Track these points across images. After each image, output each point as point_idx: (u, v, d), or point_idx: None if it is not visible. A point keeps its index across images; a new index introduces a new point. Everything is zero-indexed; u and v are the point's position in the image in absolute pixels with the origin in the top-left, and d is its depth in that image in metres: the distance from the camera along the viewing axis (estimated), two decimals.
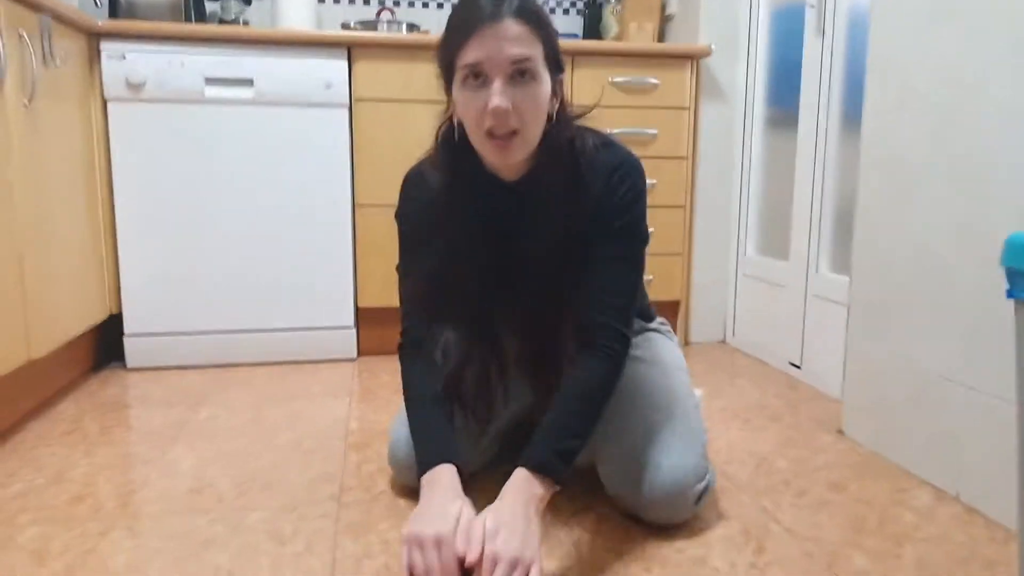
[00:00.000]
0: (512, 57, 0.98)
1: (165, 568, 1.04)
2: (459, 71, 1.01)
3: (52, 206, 1.67)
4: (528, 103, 1.01)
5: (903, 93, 1.41)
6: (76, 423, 1.63)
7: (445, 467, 1.05)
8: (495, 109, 0.98)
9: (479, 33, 0.98)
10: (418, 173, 1.20)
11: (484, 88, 1.00)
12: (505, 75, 0.99)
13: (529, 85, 1.01)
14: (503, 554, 0.90)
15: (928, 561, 1.09)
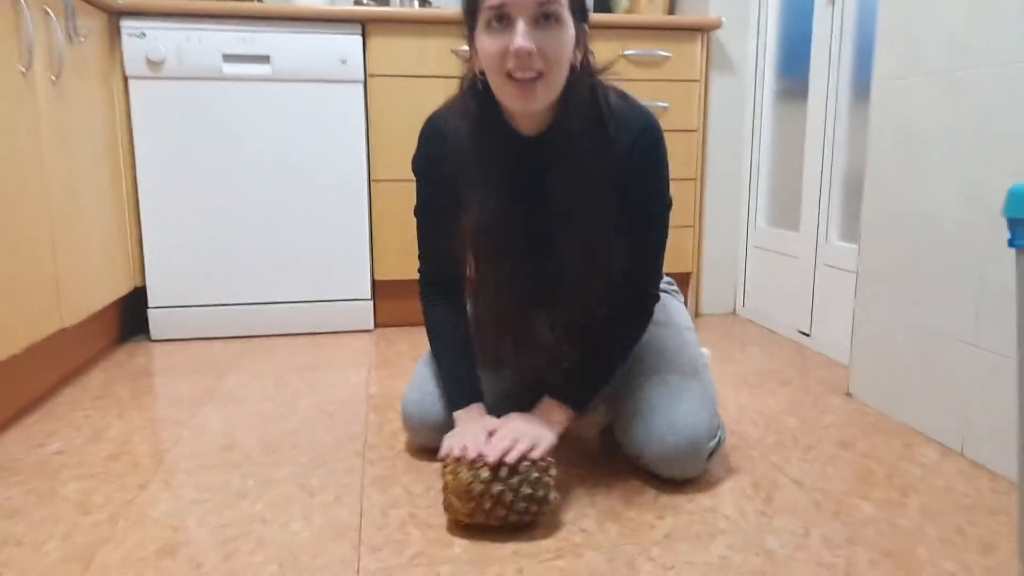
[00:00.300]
0: (539, 11, 0.99)
1: (203, 516, 1.10)
2: (483, 13, 1.01)
3: (80, 180, 1.72)
4: (552, 46, 1.01)
5: (912, 61, 1.43)
6: (107, 389, 1.69)
7: (475, 405, 1.16)
8: (518, 50, 0.98)
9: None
10: (438, 123, 1.20)
11: (508, 30, 1.00)
12: (530, 17, 0.99)
13: (554, 28, 1.01)
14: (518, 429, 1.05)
15: (932, 509, 1.13)
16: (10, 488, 1.19)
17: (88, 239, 1.76)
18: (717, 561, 0.98)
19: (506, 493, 1.00)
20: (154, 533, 1.05)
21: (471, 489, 1.00)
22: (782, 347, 2.07)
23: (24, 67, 1.45)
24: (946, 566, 0.97)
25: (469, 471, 1.01)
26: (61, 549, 1.01)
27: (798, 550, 1.01)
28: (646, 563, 0.98)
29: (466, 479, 1.00)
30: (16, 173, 1.41)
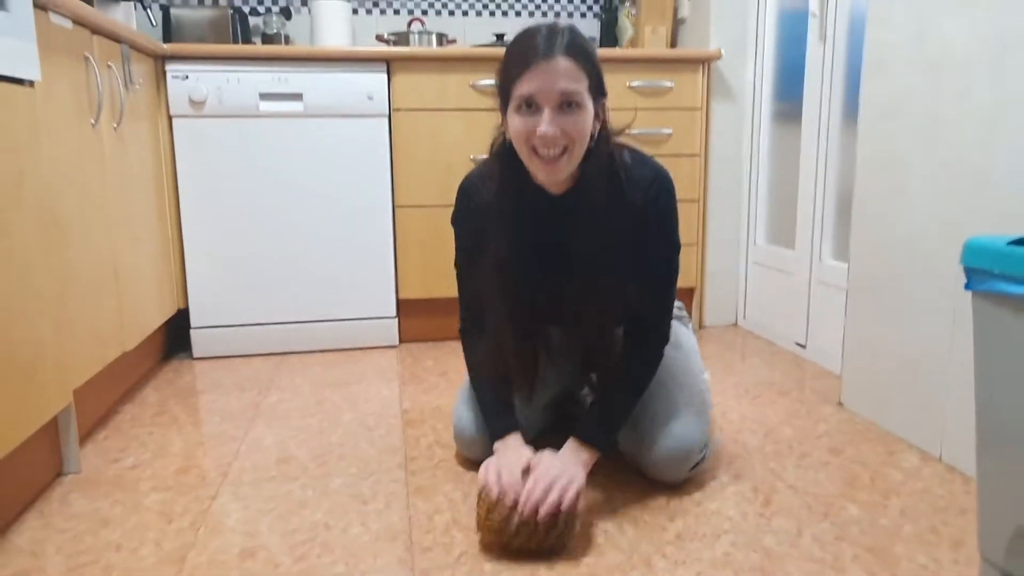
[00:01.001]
0: (561, 90, 1.14)
1: (273, 523, 1.26)
2: (514, 99, 1.17)
3: (135, 213, 1.88)
4: (573, 128, 1.16)
5: (895, 96, 1.59)
6: (163, 407, 1.86)
7: (513, 434, 1.30)
8: (544, 135, 1.15)
9: (534, 68, 1.13)
10: (472, 183, 1.37)
11: (535, 115, 1.15)
12: (554, 105, 1.14)
13: (575, 113, 1.16)
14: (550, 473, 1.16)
15: (911, 510, 1.29)
16: (97, 500, 1.36)
17: (142, 267, 1.92)
18: (721, 558, 1.14)
19: (531, 541, 1.12)
20: (232, 539, 1.21)
21: (501, 532, 1.12)
22: (781, 358, 2.22)
23: (94, 120, 1.61)
24: (920, 560, 1.13)
25: (500, 518, 1.12)
26: (155, 554, 1.17)
27: (792, 547, 1.17)
28: (660, 560, 1.13)
29: (496, 525, 1.12)
30: (87, 217, 1.58)
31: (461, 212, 1.39)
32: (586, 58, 1.17)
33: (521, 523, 1.11)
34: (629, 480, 1.40)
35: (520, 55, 1.16)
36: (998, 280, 0.93)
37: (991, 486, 1.00)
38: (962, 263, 0.99)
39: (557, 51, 1.14)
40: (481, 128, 2.30)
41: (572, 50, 1.15)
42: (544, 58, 1.13)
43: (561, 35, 1.16)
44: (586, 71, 1.17)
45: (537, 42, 1.15)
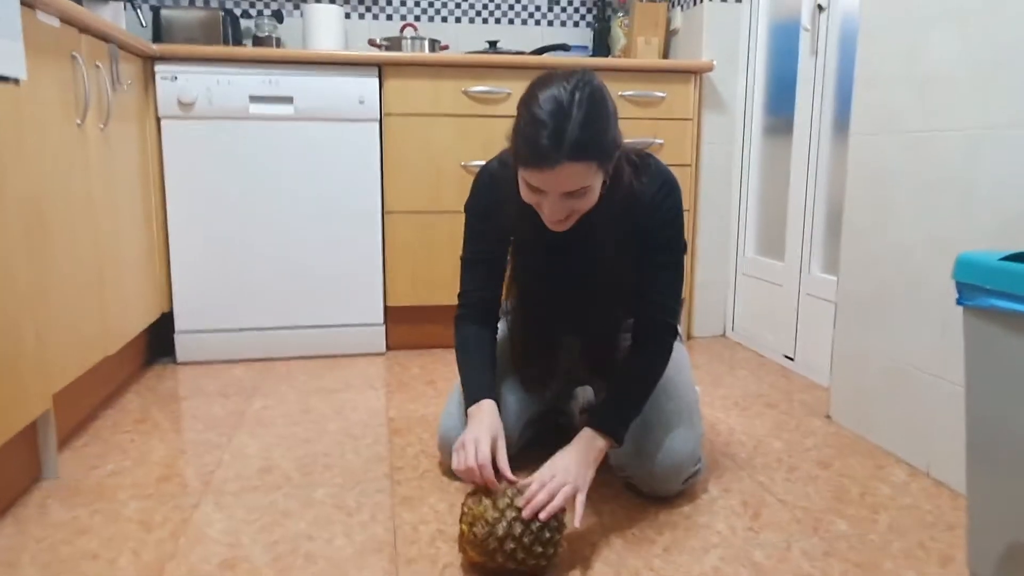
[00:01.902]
0: (567, 190, 1.11)
1: (255, 534, 1.23)
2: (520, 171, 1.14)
3: (121, 216, 1.86)
4: (581, 205, 1.15)
5: (885, 112, 1.59)
6: (145, 413, 1.83)
7: (486, 401, 1.31)
8: (549, 219, 1.16)
9: (538, 170, 1.09)
10: (490, 173, 1.35)
11: (541, 195, 1.13)
12: (560, 194, 1.12)
13: (583, 195, 1.13)
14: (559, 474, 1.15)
15: (899, 525, 1.28)
16: (76, 508, 1.33)
17: (128, 271, 1.89)
18: (710, 572, 1.13)
19: (518, 551, 1.06)
20: (213, 549, 1.19)
21: (485, 544, 1.07)
22: (769, 370, 2.22)
23: (80, 119, 1.59)
24: None
25: (484, 528, 1.06)
26: (133, 564, 1.14)
27: (781, 562, 1.16)
28: (649, 574, 1.12)
29: (481, 535, 1.06)
30: (71, 217, 1.55)
31: (478, 203, 1.38)
32: (596, 152, 1.10)
33: (504, 538, 1.07)
34: (616, 494, 1.38)
35: (526, 144, 1.09)
36: (990, 296, 0.93)
37: (981, 502, 1.00)
38: (954, 278, 0.98)
39: (563, 156, 1.06)
40: (473, 135, 2.29)
41: (579, 152, 1.07)
42: (549, 166, 1.08)
43: (569, 128, 1.06)
44: (596, 161, 1.11)
45: (542, 143, 1.06)
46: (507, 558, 1.08)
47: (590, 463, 1.22)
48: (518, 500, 1.10)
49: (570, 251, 1.29)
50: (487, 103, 2.29)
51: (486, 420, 1.27)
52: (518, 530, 1.07)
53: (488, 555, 1.08)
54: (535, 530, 1.08)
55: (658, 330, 1.34)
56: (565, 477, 1.16)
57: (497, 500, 1.11)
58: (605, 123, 1.12)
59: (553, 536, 1.10)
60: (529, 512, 1.09)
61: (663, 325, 1.34)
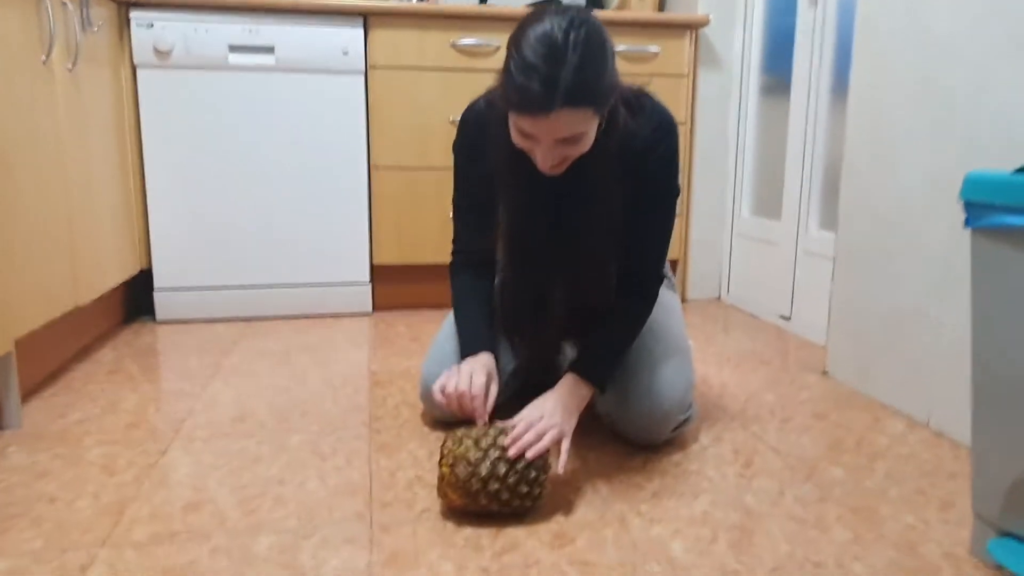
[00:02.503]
0: (561, 137, 1.03)
1: (223, 478, 1.18)
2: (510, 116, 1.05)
3: (93, 164, 1.79)
4: (575, 151, 1.07)
5: (887, 61, 1.52)
6: (118, 365, 1.76)
7: (483, 353, 1.24)
8: (541, 165, 1.07)
9: (531, 117, 1.00)
10: (477, 113, 1.27)
11: (534, 140, 1.05)
12: (554, 140, 1.04)
13: (577, 141, 1.05)
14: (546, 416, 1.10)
15: (897, 473, 1.23)
16: (37, 453, 1.27)
17: (100, 221, 1.83)
18: (700, 516, 1.07)
19: (502, 491, 1.01)
20: (178, 493, 1.13)
21: (468, 485, 1.01)
22: (763, 331, 2.17)
23: (44, 56, 1.52)
24: (907, 520, 1.07)
25: (467, 468, 1.01)
26: (92, 506, 1.09)
27: (773, 507, 1.11)
28: (635, 518, 1.07)
29: (464, 475, 1.01)
30: (37, 155, 1.48)
31: (464, 146, 1.31)
32: (592, 97, 1.01)
33: (488, 478, 1.01)
34: (603, 442, 1.33)
35: (517, 90, 0.99)
36: (1001, 213, 0.87)
37: (986, 438, 0.94)
38: (961, 198, 0.92)
39: (557, 103, 0.97)
40: (460, 89, 2.21)
41: (574, 98, 0.98)
42: (542, 113, 0.99)
43: (564, 73, 0.97)
44: (591, 106, 1.02)
45: (535, 89, 0.97)
46: (491, 499, 1.02)
47: (573, 410, 1.17)
48: (501, 439, 1.05)
49: (561, 196, 1.21)
50: (476, 56, 2.22)
51: (482, 360, 1.22)
52: (502, 470, 1.02)
53: (471, 496, 1.02)
54: (520, 470, 1.03)
55: (644, 276, 1.28)
56: (551, 420, 1.11)
57: (480, 440, 1.05)
58: (602, 66, 1.02)
59: (538, 476, 1.05)
60: (516, 450, 1.03)
61: (649, 272, 1.28)
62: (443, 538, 1.01)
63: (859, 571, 0.94)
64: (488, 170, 1.24)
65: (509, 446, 1.04)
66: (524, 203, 1.22)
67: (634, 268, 1.27)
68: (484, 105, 1.27)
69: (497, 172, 1.22)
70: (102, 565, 0.93)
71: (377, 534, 1.02)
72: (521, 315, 1.34)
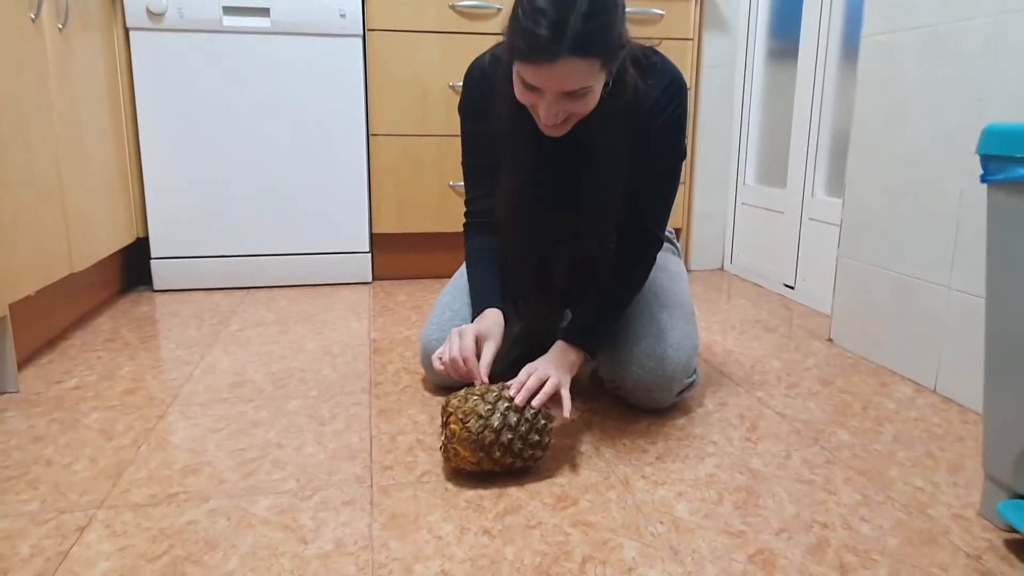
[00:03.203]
0: (567, 90, 1.00)
1: (221, 442, 1.16)
2: (515, 69, 1.03)
3: (85, 129, 1.75)
4: (579, 108, 1.04)
5: (899, 12, 1.48)
6: (116, 333, 1.74)
7: (491, 309, 1.23)
8: (545, 121, 1.04)
9: (536, 65, 0.97)
10: (481, 69, 1.24)
11: (538, 94, 1.02)
12: (558, 93, 1.01)
13: (582, 97, 1.02)
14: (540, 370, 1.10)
15: (905, 436, 1.21)
16: (33, 418, 1.25)
17: (94, 187, 1.79)
18: (705, 478, 1.06)
19: (515, 441, 1.01)
20: (176, 456, 1.11)
21: (482, 438, 1.00)
22: (768, 299, 2.14)
23: (33, 14, 1.47)
24: (916, 483, 1.06)
25: (478, 421, 1.00)
26: (89, 469, 1.07)
27: (780, 469, 1.09)
28: (639, 480, 1.05)
29: (476, 428, 1.00)
30: (26, 116, 1.44)
31: (469, 104, 1.28)
32: (599, 46, 0.98)
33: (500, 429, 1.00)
34: (606, 406, 1.31)
35: (522, 40, 0.97)
36: (1020, 165, 0.84)
37: (999, 399, 0.92)
38: (978, 152, 0.89)
39: (563, 49, 0.95)
40: (460, 53, 2.17)
41: (581, 46, 0.95)
42: (548, 60, 0.96)
43: (572, 19, 0.94)
44: (599, 57, 0.99)
45: (541, 33, 0.94)
46: (504, 451, 1.01)
47: (566, 369, 1.16)
48: (506, 392, 1.05)
49: (565, 159, 1.18)
50: (476, 19, 2.17)
51: (483, 322, 1.20)
52: (513, 419, 1.02)
53: (485, 449, 1.00)
54: (530, 417, 1.03)
55: (643, 240, 1.25)
56: (548, 372, 1.11)
57: (485, 395, 1.04)
58: (612, 16, 0.98)
59: (546, 424, 1.05)
60: (523, 397, 1.04)
61: (648, 235, 1.25)
62: (444, 500, 0.99)
63: (867, 532, 0.93)
64: (494, 128, 1.21)
65: (512, 396, 1.04)
66: (528, 164, 1.19)
67: (634, 230, 1.24)
68: (489, 60, 1.24)
69: (501, 130, 1.19)
70: (99, 525, 0.92)
71: (377, 496, 1.00)
72: (523, 277, 1.32)
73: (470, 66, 1.27)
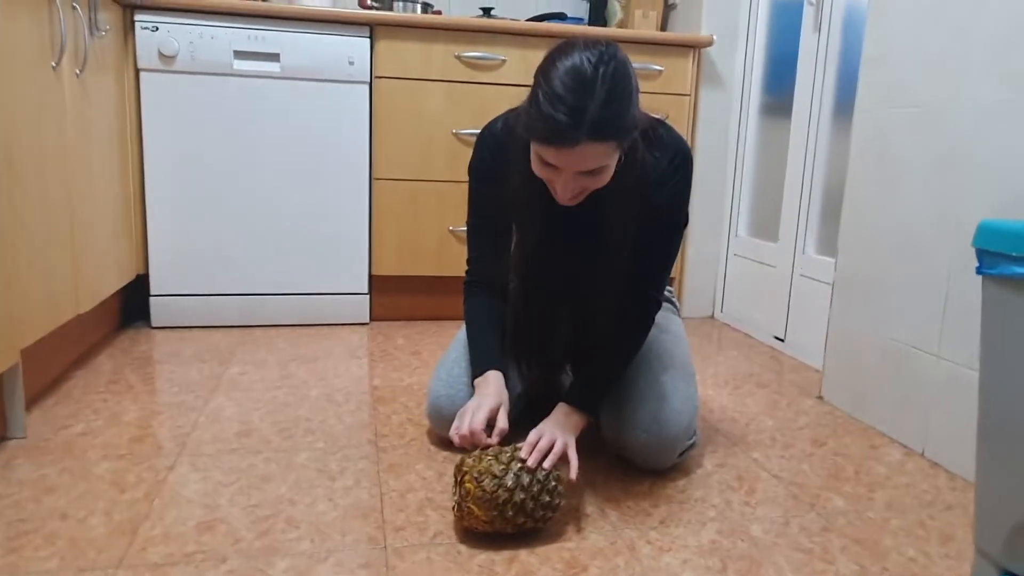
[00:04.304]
0: (584, 169, 1.05)
1: (234, 496, 1.18)
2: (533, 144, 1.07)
3: (94, 170, 1.77)
4: (595, 183, 1.09)
5: (893, 89, 1.56)
6: (118, 374, 1.75)
7: (492, 372, 1.28)
8: (561, 198, 1.10)
9: (555, 149, 1.02)
10: (494, 136, 1.28)
11: (555, 170, 1.06)
12: (575, 172, 1.06)
13: (598, 174, 1.07)
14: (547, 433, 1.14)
15: (897, 503, 1.26)
16: (44, 467, 1.26)
17: (101, 227, 1.81)
18: (708, 545, 1.09)
19: (528, 501, 1.04)
20: (190, 511, 1.13)
21: (496, 497, 1.02)
22: (758, 351, 2.20)
23: (55, 63, 1.50)
24: (909, 554, 1.10)
25: (492, 480, 1.03)
26: (105, 524, 1.08)
27: (779, 536, 1.13)
28: (645, 546, 1.08)
29: (490, 487, 1.03)
30: (43, 164, 1.47)
31: (481, 167, 1.31)
32: (617, 128, 1.02)
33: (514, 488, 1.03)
34: (609, 465, 1.34)
35: (543, 120, 1.00)
36: (1012, 263, 0.89)
37: (991, 478, 0.97)
38: (974, 245, 0.95)
39: (582, 135, 0.99)
40: (465, 101, 2.23)
41: (600, 129, 1.00)
42: (568, 145, 1.01)
43: (591, 107, 0.98)
44: (616, 140, 1.04)
45: (561, 119, 0.99)
46: (518, 511, 1.04)
47: (570, 431, 1.21)
48: (518, 453, 1.10)
49: (575, 225, 1.23)
50: (481, 69, 2.23)
51: (490, 389, 1.25)
52: (526, 480, 1.05)
53: (498, 509, 1.03)
54: (541, 479, 1.07)
55: (643, 303, 1.30)
56: (556, 433, 1.15)
57: (499, 456, 1.09)
58: (628, 102, 1.03)
59: (557, 485, 1.09)
60: (535, 458, 1.09)
61: (648, 299, 1.30)
62: (458, 564, 1.02)
63: None
64: (503, 193, 1.25)
65: (525, 458, 1.09)
66: (539, 231, 1.24)
67: (635, 293, 1.28)
68: (502, 127, 1.28)
69: (513, 197, 1.24)
70: None
71: (391, 559, 1.02)
72: (527, 339, 1.36)
73: (484, 130, 1.31)
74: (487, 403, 1.22)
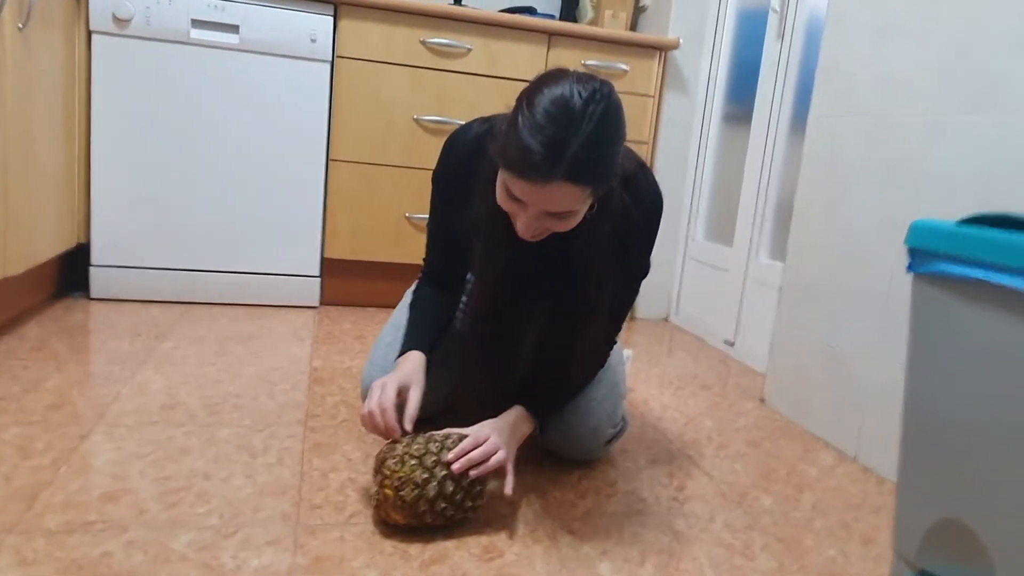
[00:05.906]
0: (552, 211, 0.97)
1: (145, 469, 1.13)
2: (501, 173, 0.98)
3: (35, 129, 1.71)
4: (560, 227, 1.01)
5: (846, 98, 1.56)
6: (44, 342, 1.69)
7: (415, 352, 1.20)
8: (522, 235, 1.01)
9: (525, 182, 0.93)
10: (465, 147, 1.18)
11: (521, 205, 0.97)
12: (542, 211, 0.97)
13: (565, 219, 0.99)
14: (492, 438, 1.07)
15: (823, 505, 1.25)
16: None
17: (38, 190, 1.75)
18: (629, 537, 1.08)
19: (448, 508, 1.00)
20: (96, 480, 1.08)
21: (415, 507, 0.99)
22: (708, 355, 2.20)
23: None
24: (829, 554, 1.09)
25: (414, 490, 0.98)
26: (3, 488, 1.03)
27: (703, 532, 1.12)
28: (566, 535, 1.06)
29: (410, 498, 0.98)
30: None
31: (444, 175, 1.24)
32: (596, 173, 0.94)
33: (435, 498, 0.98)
34: (540, 457, 1.32)
35: (517, 149, 0.92)
36: (943, 261, 0.89)
37: (912, 478, 0.97)
38: (906, 243, 0.95)
39: (558, 173, 0.90)
40: (428, 87, 2.20)
41: (577, 170, 0.91)
42: (541, 180, 0.92)
43: (574, 141, 0.89)
44: (592, 186, 0.96)
45: (536, 151, 0.90)
46: (436, 516, 1.00)
47: (515, 441, 1.14)
48: (444, 455, 1.02)
49: (538, 263, 1.13)
50: (446, 56, 2.20)
51: (403, 368, 1.16)
52: (449, 489, 1.00)
53: (416, 517, 1.00)
54: (466, 486, 1.02)
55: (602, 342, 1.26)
56: (498, 443, 1.07)
57: (423, 458, 1.01)
58: (613, 148, 0.95)
59: (482, 490, 1.05)
60: (462, 467, 1.01)
61: (608, 338, 1.27)
62: (371, 545, 0.99)
63: None
64: (465, 215, 1.16)
65: (452, 461, 1.02)
66: (500, 265, 1.16)
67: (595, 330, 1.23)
68: (473, 139, 1.18)
69: (476, 225, 1.14)
70: (9, 552, 0.89)
71: (302, 536, 0.99)
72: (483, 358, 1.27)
73: (452, 137, 1.22)
74: (398, 378, 1.13)
